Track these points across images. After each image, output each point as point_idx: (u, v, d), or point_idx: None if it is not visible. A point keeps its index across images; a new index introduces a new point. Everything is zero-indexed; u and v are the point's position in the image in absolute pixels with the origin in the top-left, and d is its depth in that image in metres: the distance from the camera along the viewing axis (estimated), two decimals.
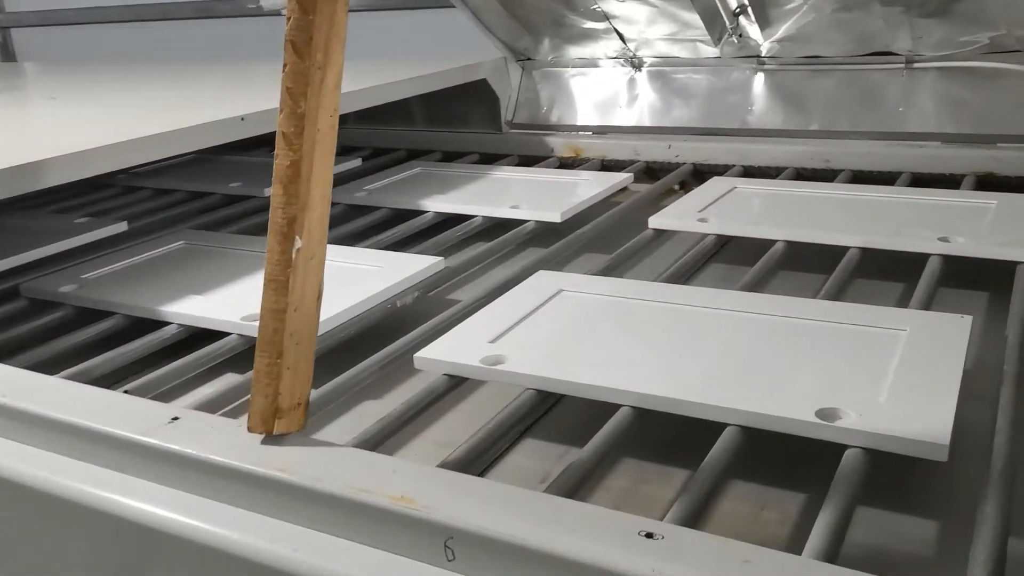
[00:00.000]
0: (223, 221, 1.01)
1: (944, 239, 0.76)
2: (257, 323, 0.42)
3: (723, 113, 1.19)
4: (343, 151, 1.34)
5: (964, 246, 0.75)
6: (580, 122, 1.28)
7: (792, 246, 0.81)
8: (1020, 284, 0.69)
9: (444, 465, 0.47)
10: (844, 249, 0.78)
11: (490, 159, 1.25)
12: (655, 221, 0.87)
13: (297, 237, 0.40)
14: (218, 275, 0.76)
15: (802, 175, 1.07)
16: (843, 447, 0.46)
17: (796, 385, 0.51)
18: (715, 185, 0.99)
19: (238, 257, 0.81)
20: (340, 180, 1.11)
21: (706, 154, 1.14)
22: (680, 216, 0.87)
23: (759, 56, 1.17)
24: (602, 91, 1.27)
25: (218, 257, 0.82)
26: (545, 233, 0.91)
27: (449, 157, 1.27)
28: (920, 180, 1.01)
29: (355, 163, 1.21)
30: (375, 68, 1.17)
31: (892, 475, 0.49)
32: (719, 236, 0.84)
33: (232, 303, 0.68)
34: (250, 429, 0.44)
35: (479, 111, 1.30)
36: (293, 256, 0.41)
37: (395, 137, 1.35)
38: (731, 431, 0.49)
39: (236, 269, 0.77)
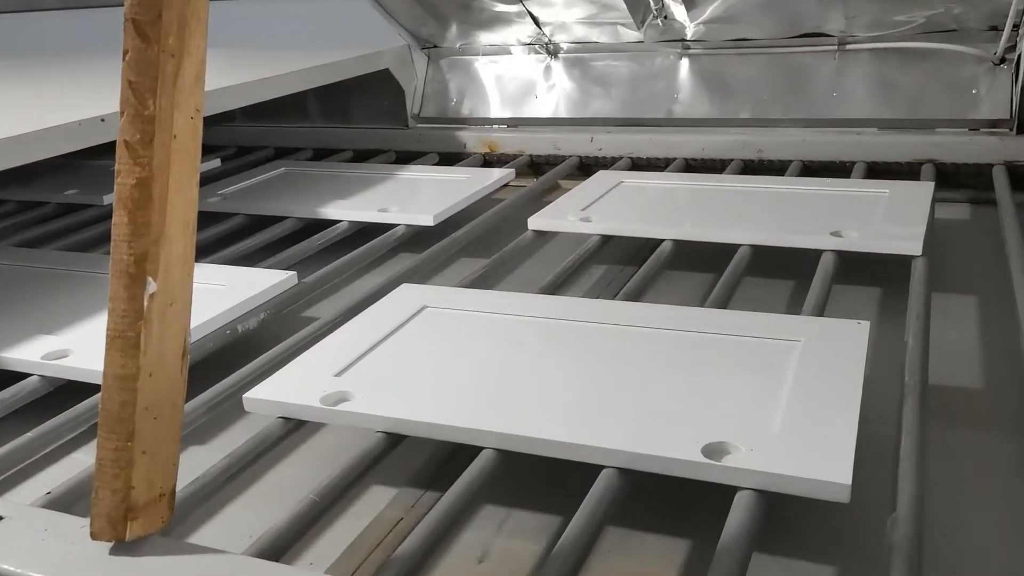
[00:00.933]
0: (51, 235, 0.90)
1: (837, 234, 0.71)
2: (64, 360, 0.32)
3: (648, 102, 1.11)
4: (241, 152, 1.23)
5: (857, 241, 0.70)
6: (493, 114, 1.18)
7: (680, 244, 0.75)
8: (916, 282, 0.64)
9: (260, 549, 0.38)
10: (735, 247, 0.73)
11: (398, 158, 1.15)
12: (535, 222, 0.80)
13: (150, 279, 0.31)
14: (26, 302, 0.66)
15: (748, 167, 1.01)
16: (734, 488, 0.40)
17: (681, 415, 0.45)
18: (601, 179, 0.92)
19: (57, 279, 0.71)
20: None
21: (631, 146, 1.07)
22: (560, 215, 0.81)
23: (684, 40, 1.09)
24: (516, 80, 1.18)
25: (31, 280, 0.71)
26: (419, 237, 0.83)
27: (358, 157, 1.17)
28: (856, 170, 0.95)
29: (213, 164, 1.10)
30: (264, 59, 1.06)
31: (790, 512, 0.44)
32: (603, 236, 0.77)
33: (36, 337, 0.58)
34: (94, 535, 0.33)
35: (383, 105, 1.20)
36: (145, 304, 0.31)
37: (288, 135, 1.24)
38: (609, 473, 0.42)
39: (51, 295, 0.67)
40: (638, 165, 1.06)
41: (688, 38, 1.09)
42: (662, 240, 0.75)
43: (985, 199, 0.90)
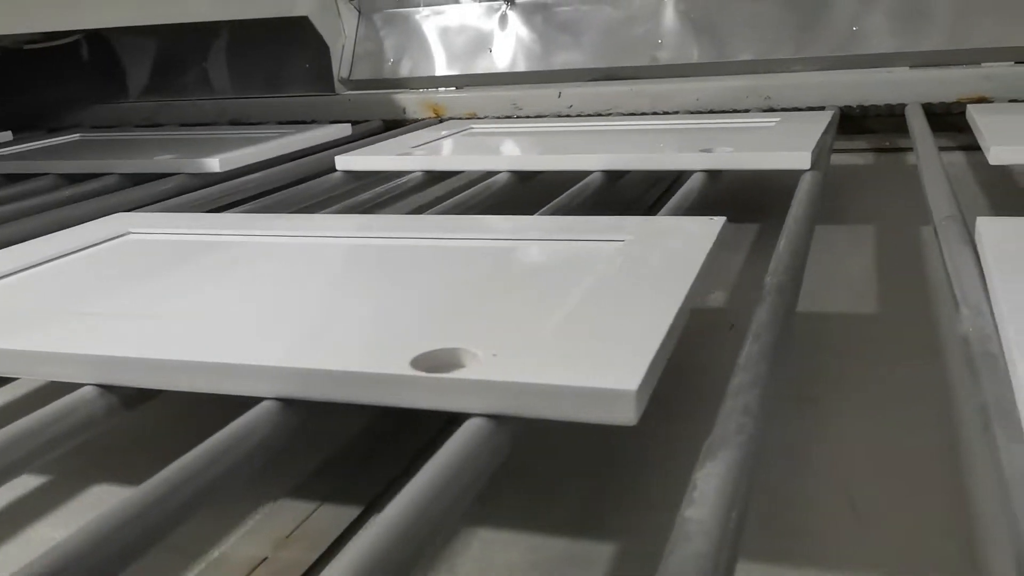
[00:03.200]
0: None
1: (707, 151, 0.57)
2: None
3: (626, 50, 0.90)
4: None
5: (731, 157, 0.56)
6: (439, 73, 0.96)
7: (521, 178, 0.60)
8: (802, 192, 0.50)
9: None
10: (585, 174, 0.58)
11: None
12: (343, 161, 0.64)
13: None
14: None
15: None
16: (461, 416, 0.24)
17: (411, 326, 0.29)
18: (447, 126, 0.78)
19: None
20: None
21: (609, 101, 0.86)
22: (378, 153, 0.65)
23: None
24: (465, 33, 0.96)
25: None
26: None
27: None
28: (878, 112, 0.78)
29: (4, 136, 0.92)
30: None
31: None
32: (426, 173, 0.62)
33: None
34: None
35: (303, 68, 0.98)
36: None
37: (200, 109, 1.01)
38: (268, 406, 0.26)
39: None
40: None
41: None
42: (496, 172, 0.60)
43: None
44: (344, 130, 0.82)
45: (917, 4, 0.81)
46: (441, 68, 0.97)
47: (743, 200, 0.61)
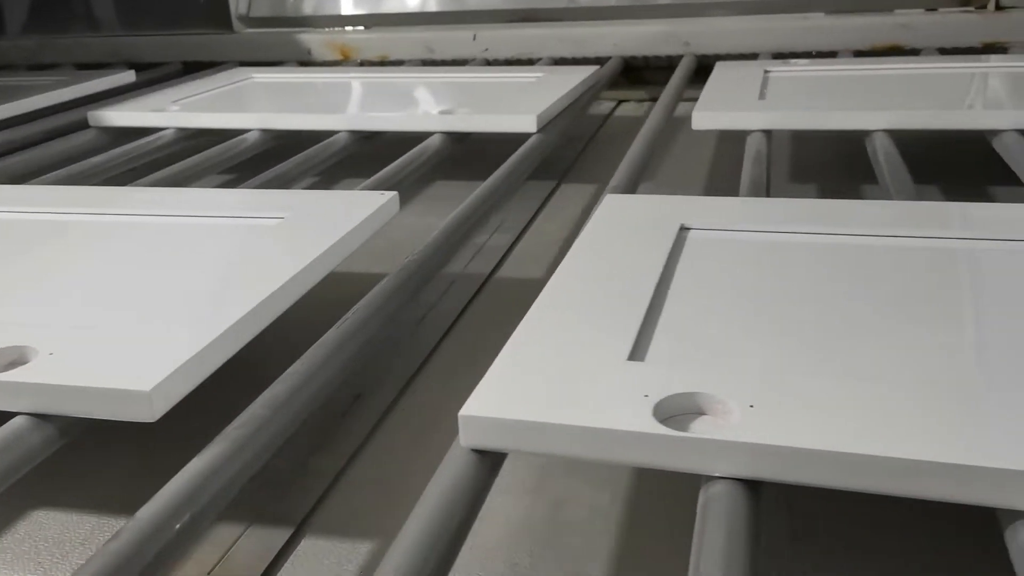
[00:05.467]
0: None
1: (448, 112, 0.58)
2: None
3: None
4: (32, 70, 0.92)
5: (468, 119, 0.58)
6: (345, 12, 0.91)
7: (270, 136, 0.60)
8: (518, 154, 0.52)
9: None
10: (330, 133, 0.59)
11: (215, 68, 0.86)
12: (95, 116, 0.63)
13: None
14: None
15: (653, 63, 0.81)
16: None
17: None
18: (232, 74, 0.77)
19: None
20: None
21: (526, 45, 0.84)
22: (136, 109, 0.64)
23: None
24: None
25: None
26: None
27: (188, 69, 0.89)
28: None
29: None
30: None
31: None
32: (179, 130, 0.62)
33: None
34: None
35: (196, 4, 0.93)
36: None
37: (89, 47, 0.94)
38: None
39: None
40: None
41: None
42: (247, 131, 0.60)
43: None
44: (127, 77, 0.79)
45: None
46: (347, 6, 0.92)
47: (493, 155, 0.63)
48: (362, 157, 0.60)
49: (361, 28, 0.91)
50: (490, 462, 0.23)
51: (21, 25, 0.97)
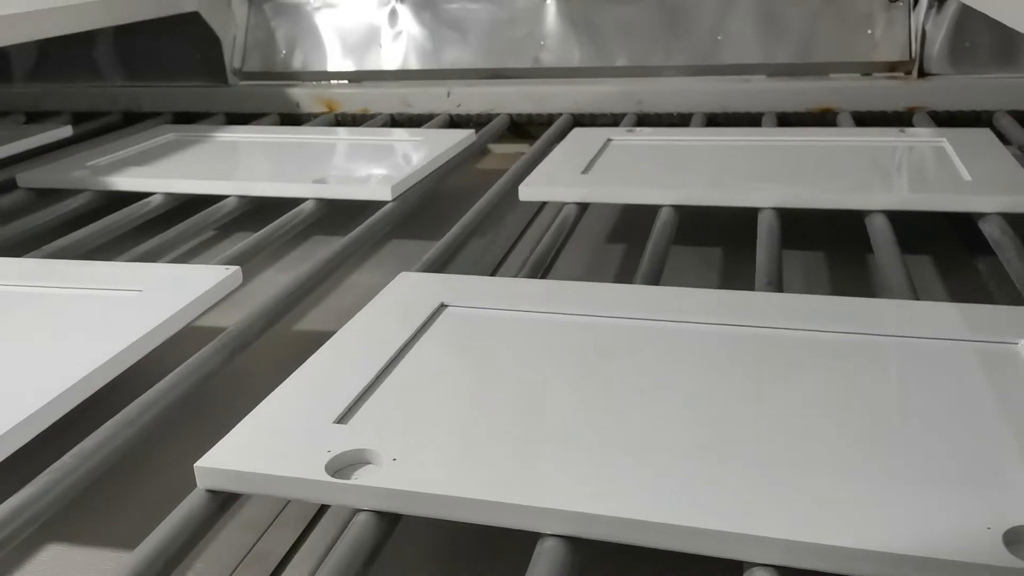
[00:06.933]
0: None
1: (321, 180, 0.67)
2: None
3: (510, 50, 0.97)
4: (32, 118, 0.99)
5: (334, 188, 0.67)
6: (332, 68, 1.01)
7: (179, 199, 0.69)
8: (370, 221, 0.61)
9: None
10: (221, 197, 0.68)
11: (228, 120, 0.96)
12: (23, 178, 0.72)
13: None
14: None
15: (618, 121, 0.89)
16: None
17: None
18: (161, 130, 0.85)
19: None
20: None
21: (495, 101, 0.95)
22: (58, 171, 0.73)
23: None
24: (357, 27, 1.01)
25: None
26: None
27: (179, 120, 0.97)
28: (744, 120, 0.88)
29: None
30: None
31: None
32: (94, 192, 0.70)
33: None
34: None
35: (195, 58, 1.01)
36: None
37: (89, 96, 1.03)
38: None
39: None
40: (516, 123, 0.95)
41: None
42: (151, 194, 0.69)
43: None
44: (63, 132, 0.87)
45: (775, 21, 0.93)
46: (334, 62, 1.02)
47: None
48: (253, 213, 0.69)
49: (345, 82, 1.01)
50: (221, 500, 0.32)
51: (25, 74, 1.07)
